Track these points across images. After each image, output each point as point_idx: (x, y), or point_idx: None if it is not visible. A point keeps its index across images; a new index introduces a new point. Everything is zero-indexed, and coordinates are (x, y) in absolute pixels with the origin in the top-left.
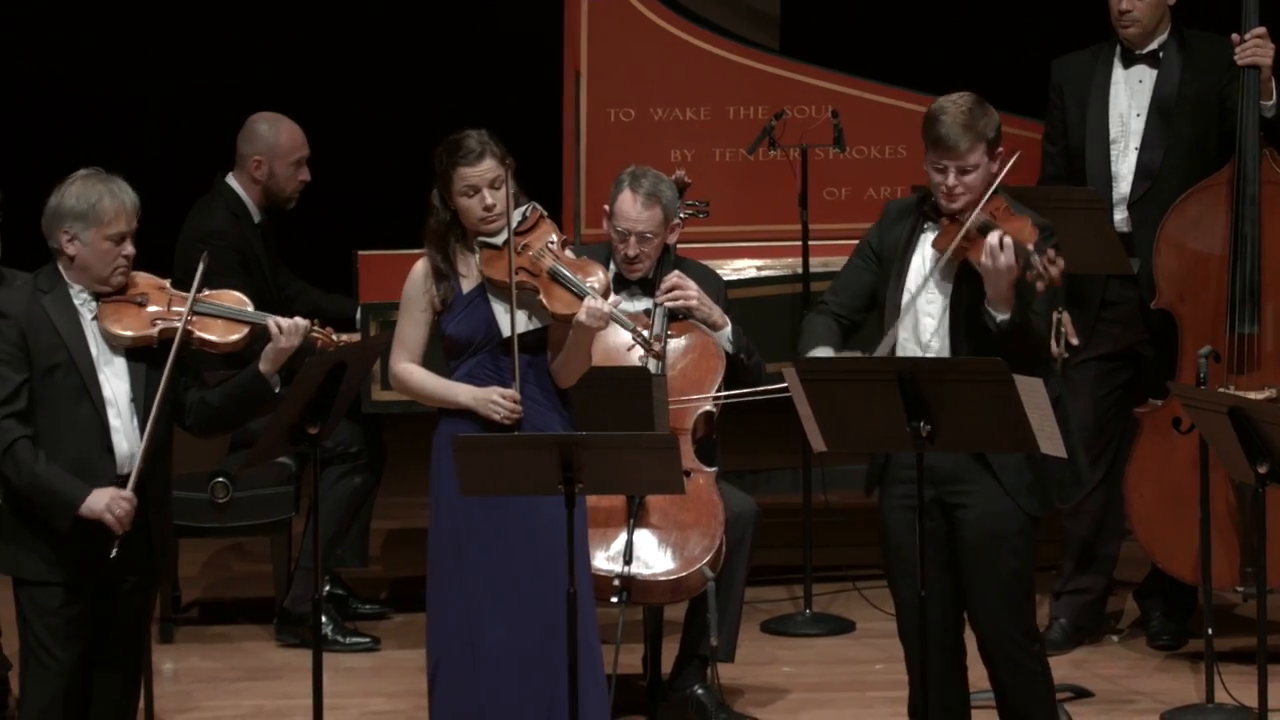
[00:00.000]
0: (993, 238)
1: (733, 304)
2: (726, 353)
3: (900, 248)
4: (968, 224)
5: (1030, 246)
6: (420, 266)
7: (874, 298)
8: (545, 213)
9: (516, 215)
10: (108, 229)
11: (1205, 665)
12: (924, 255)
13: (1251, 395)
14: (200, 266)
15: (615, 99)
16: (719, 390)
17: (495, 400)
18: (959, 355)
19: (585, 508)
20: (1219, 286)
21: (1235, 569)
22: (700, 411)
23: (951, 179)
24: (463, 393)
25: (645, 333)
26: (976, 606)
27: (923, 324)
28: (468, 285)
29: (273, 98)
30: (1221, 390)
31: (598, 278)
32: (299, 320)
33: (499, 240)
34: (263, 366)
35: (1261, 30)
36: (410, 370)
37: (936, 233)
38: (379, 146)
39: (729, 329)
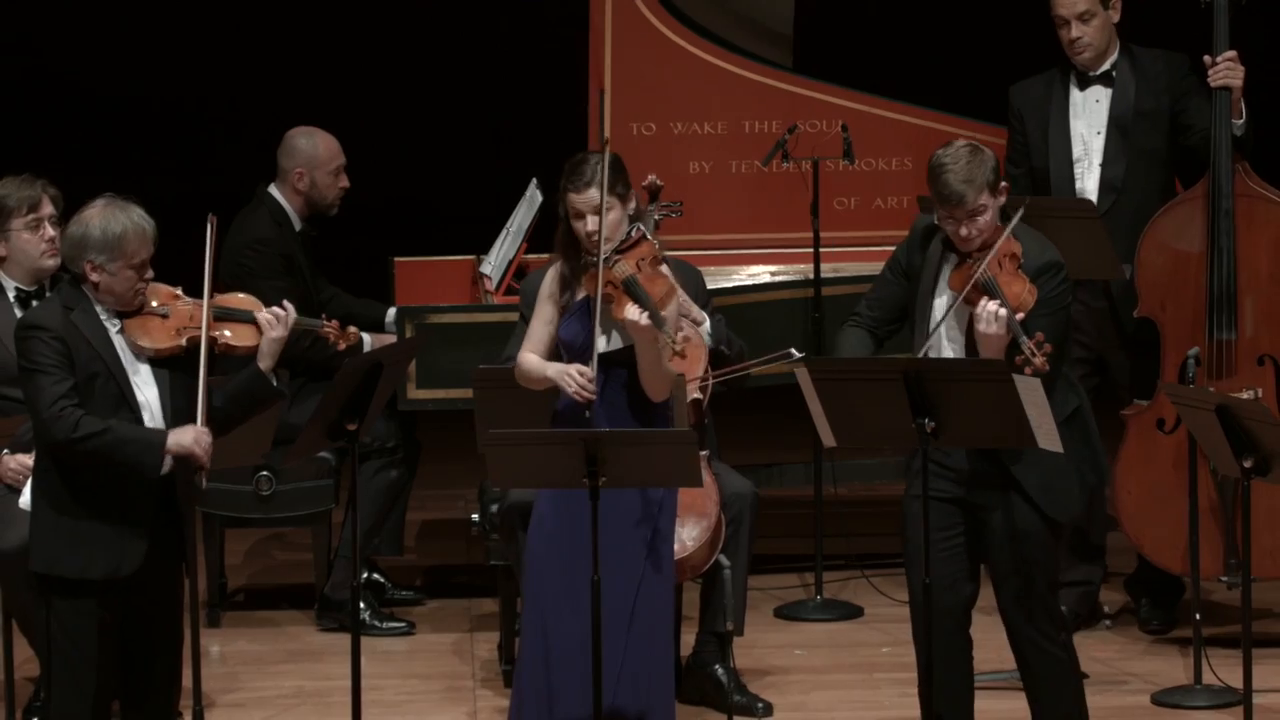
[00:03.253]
0: (990, 307)
1: (747, 307)
2: (709, 347)
3: (929, 275)
4: (975, 274)
5: (1019, 316)
6: (553, 271)
7: (904, 311)
8: (648, 234)
9: (620, 235)
10: (132, 259)
11: (1193, 649)
12: (945, 289)
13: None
14: (206, 275)
15: (637, 113)
16: (702, 379)
17: (570, 374)
18: None
19: (675, 497)
20: (1197, 295)
21: (1219, 559)
22: (689, 400)
23: (963, 230)
24: (550, 368)
25: (676, 345)
26: (1004, 603)
27: (945, 353)
28: (581, 294)
29: (315, 109)
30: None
31: (658, 290)
32: (284, 310)
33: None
34: (262, 363)
35: (1233, 54)
36: (524, 357)
37: (954, 266)
38: (415, 158)
39: (708, 324)
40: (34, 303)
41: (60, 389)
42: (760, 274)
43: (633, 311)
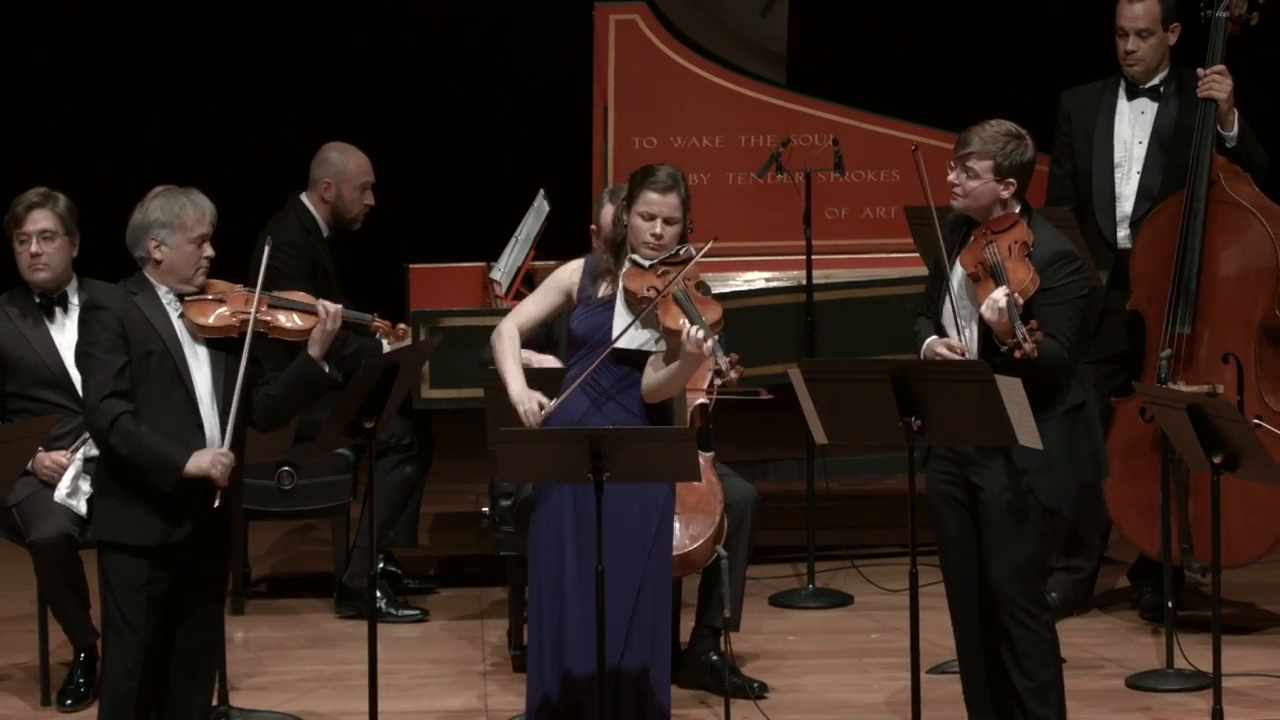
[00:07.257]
0: (995, 294)
1: (743, 311)
2: None
3: (950, 258)
4: (984, 257)
5: (1020, 301)
6: (579, 262)
7: None
8: (695, 257)
9: (671, 249)
10: (191, 233)
11: (1165, 634)
12: (960, 270)
13: (1186, 389)
14: (265, 255)
15: (639, 128)
16: (709, 386)
17: (529, 408)
18: (990, 363)
19: (674, 494)
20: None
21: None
22: (695, 405)
23: (952, 176)
24: (513, 383)
25: (722, 366)
26: (990, 578)
27: (964, 332)
28: (603, 291)
29: (335, 125)
30: (1168, 386)
31: (712, 315)
32: (337, 306)
33: (646, 263)
34: (312, 350)
35: (1220, 68)
36: (504, 332)
37: (968, 245)
38: (430, 171)
39: None
40: (56, 310)
41: (106, 375)
42: (755, 280)
43: (694, 332)
